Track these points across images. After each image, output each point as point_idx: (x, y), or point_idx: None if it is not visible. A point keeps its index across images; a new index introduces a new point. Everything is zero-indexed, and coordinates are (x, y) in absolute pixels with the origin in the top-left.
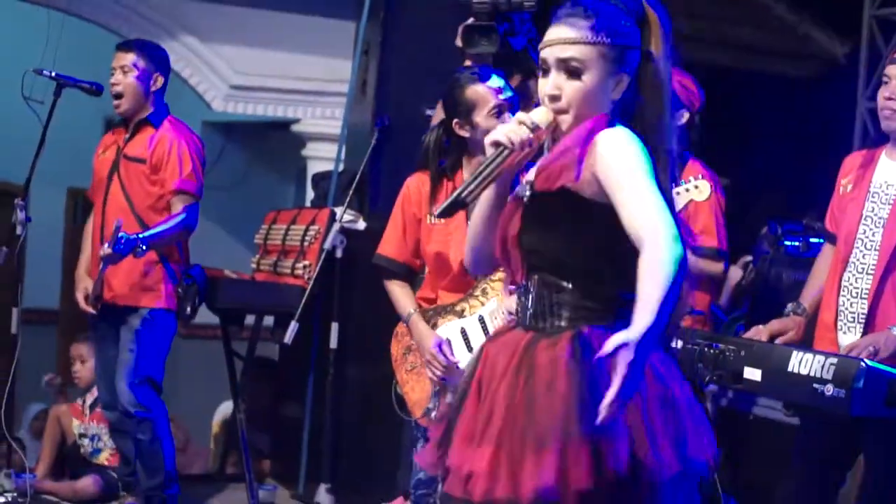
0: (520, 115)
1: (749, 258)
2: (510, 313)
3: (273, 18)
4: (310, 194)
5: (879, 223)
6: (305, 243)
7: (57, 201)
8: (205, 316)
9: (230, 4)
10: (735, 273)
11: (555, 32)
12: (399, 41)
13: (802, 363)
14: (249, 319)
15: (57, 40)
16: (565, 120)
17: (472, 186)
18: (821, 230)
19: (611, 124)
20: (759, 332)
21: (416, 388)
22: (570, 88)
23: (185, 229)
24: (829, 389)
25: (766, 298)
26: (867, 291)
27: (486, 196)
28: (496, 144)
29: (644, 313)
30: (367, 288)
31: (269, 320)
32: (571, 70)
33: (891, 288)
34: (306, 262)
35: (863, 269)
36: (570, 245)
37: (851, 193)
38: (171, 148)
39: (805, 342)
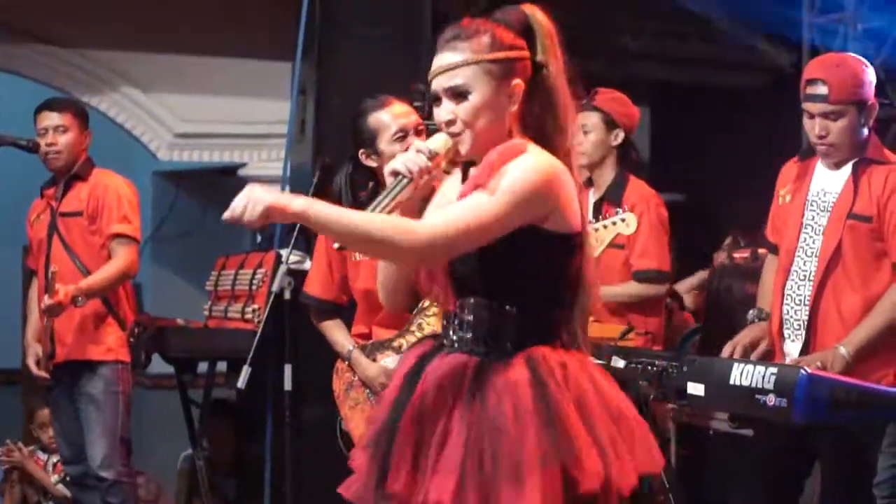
0: (417, 142)
1: (705, 273)
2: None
3: (212, 64)
4: None
5: (819, 231)
6: (253, 287)
7: (13, 260)
8: (166, 366)
9: (169, 53)
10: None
11: (438, 61)
12: (334, 79)
13: (744, 375)
14: (203, 367)
15: None
16: (464, 141)
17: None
18: (763, 241)
19: (525, 147)
20: (733, 346)
21: (360, 425)
22: (461, 111)
23: (125, 273)
24: (772, 399)
25: (717, 311)
26: (808, 298)
27: None
28: (394, 174)
29: None
30: (317, 328)
31: (222, 366)
32: (458, 94)
33: (830, 294)
34: (255, 306)
35: (804, 276)
36: (507, 268)
37: (791, 204)
38: (104, 195)
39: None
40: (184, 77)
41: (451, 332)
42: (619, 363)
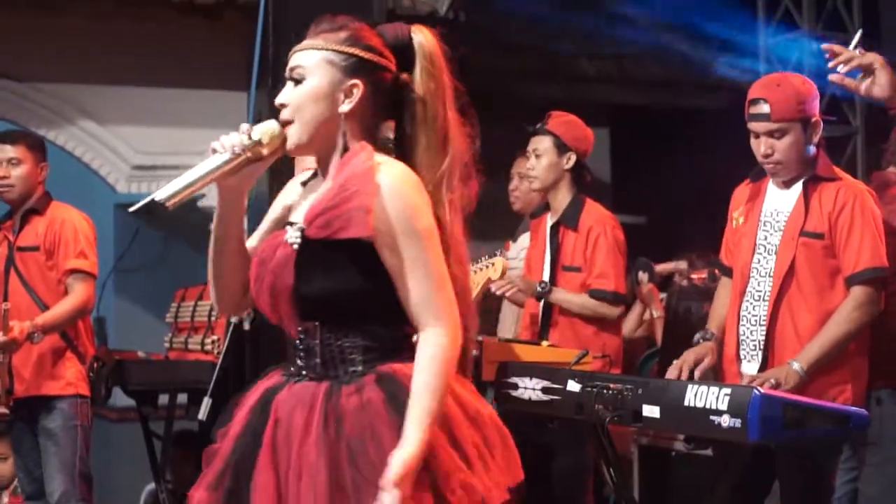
0: (244, 125)
1: (664, 295)
2: None
3: (168, 95)
4: None
5: (772, 250)
6: (213, 318)
7: None
8: (129, 399)
9: (124, 85)
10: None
11: None
12: None
13: (698, 396)
14: (164, 399)
15: None
16: (291, 133)
17: (175, 188)
18: (716, 263)
19: (371, 157)
20: (679, 367)
21: None
22: (294, 94)
23: (81, 309)
24: (726, 420)
25: (676, 332)
26: (764, 318)
27: (220, 231)
28: (213, 151)
29: (415, 428)
30: (276, 357)
31: (183, 398)
32: (297, 78)
33: (786, 313)
34: (215, 337)
35: (759, 296)
36: (356, 291)
37: (743, 226)
38: (61, 230)
39: (716, 372)
40: (140, 109)
41: (297, 360)
42: (575, 387)
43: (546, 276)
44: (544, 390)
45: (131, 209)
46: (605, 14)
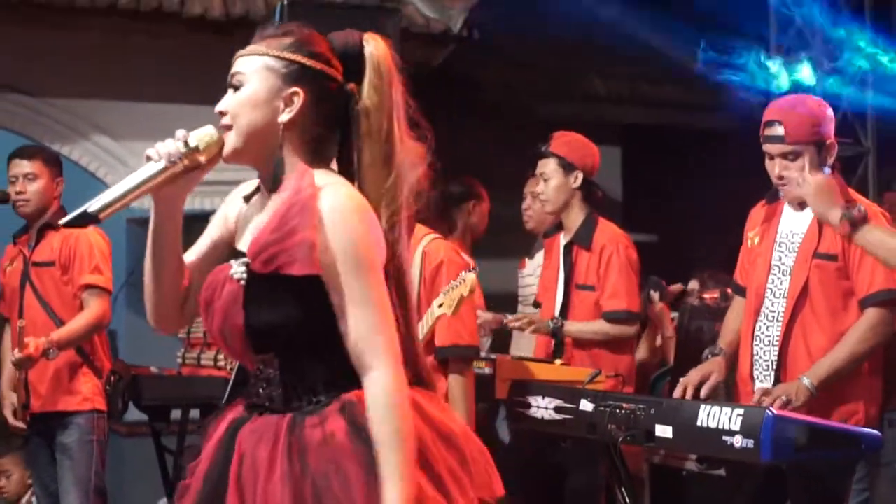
0: (180, 131)
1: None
2: None
3: (182, 111)
4: None
5: (787, 271)
6: None
7: None
8: (142, 413)
9: (139, 101)
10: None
11: None
12: None
13: (710, 416)
14: (177, 414)
15: None
16: (230, 139)
17: (107, 199)
18: (731, 283)
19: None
20: (684, 386)
21: None
22: (231, 102)
23: (95, 325)
24: (738, 440)
25: (688, 351)
26: (777, 339)
27: (156, 244)
28: (147, 158)
29: (395, 484)
30: None
31: (195, 413)
32: (236, 85)
33: (799, 333)
34: None
35: (773, 317)
36: (310, 322)
37: (759, 247)
38: (76, 245)
39: (728, 389)
40: (154, 124)
41: (259, 391)
42: (588, 406)
43: (560, 296)
44: (557, 409)
45: (61, 221)
46: (618, 34)
